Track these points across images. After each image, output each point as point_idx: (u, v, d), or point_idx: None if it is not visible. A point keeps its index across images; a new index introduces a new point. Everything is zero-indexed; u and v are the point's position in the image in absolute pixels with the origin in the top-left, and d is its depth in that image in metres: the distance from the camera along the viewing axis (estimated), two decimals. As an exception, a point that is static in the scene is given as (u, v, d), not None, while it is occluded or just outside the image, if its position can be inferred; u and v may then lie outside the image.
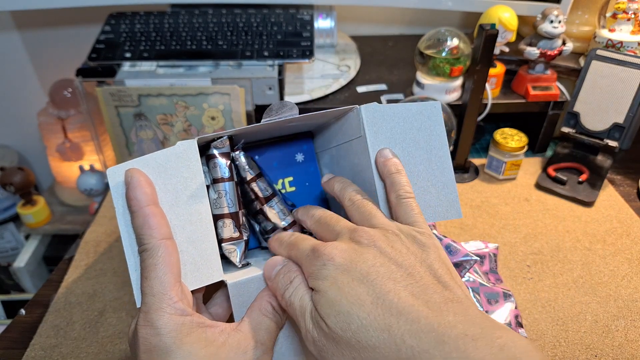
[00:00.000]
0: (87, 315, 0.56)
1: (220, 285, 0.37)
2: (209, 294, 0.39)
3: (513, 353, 0.24)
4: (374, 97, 0.81)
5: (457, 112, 0.73)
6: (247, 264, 0.39)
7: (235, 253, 0.38)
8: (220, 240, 0.38)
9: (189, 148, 0.35)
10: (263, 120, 0.37)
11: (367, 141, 0.37)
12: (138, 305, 0.32)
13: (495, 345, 0.25)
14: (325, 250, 0.31)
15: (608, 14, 0.75)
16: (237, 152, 0.39)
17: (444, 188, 0.39)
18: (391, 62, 0.92)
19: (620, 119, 0.71)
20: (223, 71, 0.75)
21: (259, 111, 0.77)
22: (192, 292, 0.35)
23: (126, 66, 0.76)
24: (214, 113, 0.73)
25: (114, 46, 0.77)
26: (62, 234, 1.02)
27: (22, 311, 0.57)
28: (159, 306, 0.31)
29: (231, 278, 0.35)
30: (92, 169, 0.97)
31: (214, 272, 0.35)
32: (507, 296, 0.53)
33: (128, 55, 0.76)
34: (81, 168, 0.97)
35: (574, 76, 0.81)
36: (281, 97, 0.76)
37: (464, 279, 0.53)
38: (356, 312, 0.28)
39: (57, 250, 1.07)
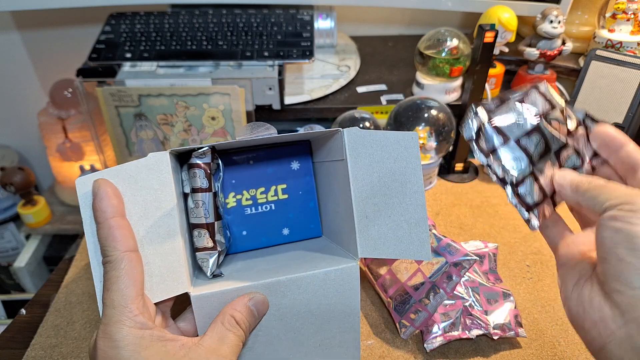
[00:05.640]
0: (87, 315, 0.56)
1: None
2: (185, 309, 0.38)
3: None
4: (374, 97, 0.81)
5: (456, 112, 0.73)
6: (220, 275, 0.39)
7: (207, 263, 0.38)
8: (195, 249, 0.38)
9: (161, 160, 0.35)
10: (238, 137, 0.37)
11: (348, 166, 0.37)
12: (101, 316, 0.32)
13: None
14: None
15: (608, 14, 0.75)
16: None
17: (416, 226, 0.38)
18: (391, 62, 0.93)
19: (619, 119, 0.71)
20: (223, 71, 0.76)
21: (259, 111, 0.77)
22: (161, 303, 0.35)
23: (126, 66, 0.76)
24: (214, 113, 0.73)
25: (114, 46, 0.77)
26: (62, 233, 1.02)
27: (23, 311, 0.57)
28: (118, 319, 0.31)
29: (198, 290, 0.35)
30: (92, 169, 0.97)
31: (180, 284, 0.35)
32: (506, 296, 0.53)
33: (128, 55, 0.76)
34: (81, 168, 0.97)
35: (573, 76, 0.81)
36: (281, 97, 0.76)
37: (463, 279, 0.53)
38: None
39: (58, 250, 1.07)
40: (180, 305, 0.38)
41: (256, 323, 0.36)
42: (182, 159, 0.39)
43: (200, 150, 0.37)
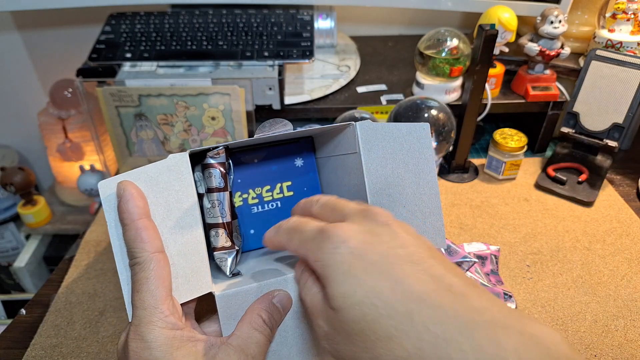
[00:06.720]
0: (87, 315, 0.56)
1: None
2: (209, 313, 0.38)
3: (545, 343, 0.22)
4: (374, 97, 0.81)
5: (456, 112, 0.73)
6: (238, 274, 0.39)
7: (227, 262, 0.38)
8: (212, 249, 0.38)
9: (181, 161, 0.35)
10: (256, 135, 0.37)
11: (361, 158, 0.37)
12: (130, 318, 0.32)
13: (525, 334, 0.23)
14: (337, 231, 0.27)
15: (608, 14, 0.75)
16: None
17: (431, 215, 0.38)
18: (391, 62, 0.93)
19: (619, 119, 0.71)
20: (223, 71, 0.76)
21: (259, 111, 0.77)
22: (184, 304, 0.35)
23: (126, 66, 0.76)
24: (214, 113, 0.73)
25: (114, 46, 0.77)
26: (62, 233, 1.02)
27: (23, 311, 0.57)
28: (149, 320, 0.31)
29: (221, 289, 0.35)
30: (92, 169, 0.97)
31: (204, 285, 0.35)
32: (507, 297, 0.53)
33: (128, 55, 0.76)
34: (82, 168, 0.97)
35: (573, 76, 0.81)
36: (281, 97, 0.76)
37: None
38: (372, 301, 0.25)
39: (58, 250, 1.07)
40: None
41: (282, 320, 0.36)
42: (194, 159, 0.38)
43: (215, 150, 0.38)
